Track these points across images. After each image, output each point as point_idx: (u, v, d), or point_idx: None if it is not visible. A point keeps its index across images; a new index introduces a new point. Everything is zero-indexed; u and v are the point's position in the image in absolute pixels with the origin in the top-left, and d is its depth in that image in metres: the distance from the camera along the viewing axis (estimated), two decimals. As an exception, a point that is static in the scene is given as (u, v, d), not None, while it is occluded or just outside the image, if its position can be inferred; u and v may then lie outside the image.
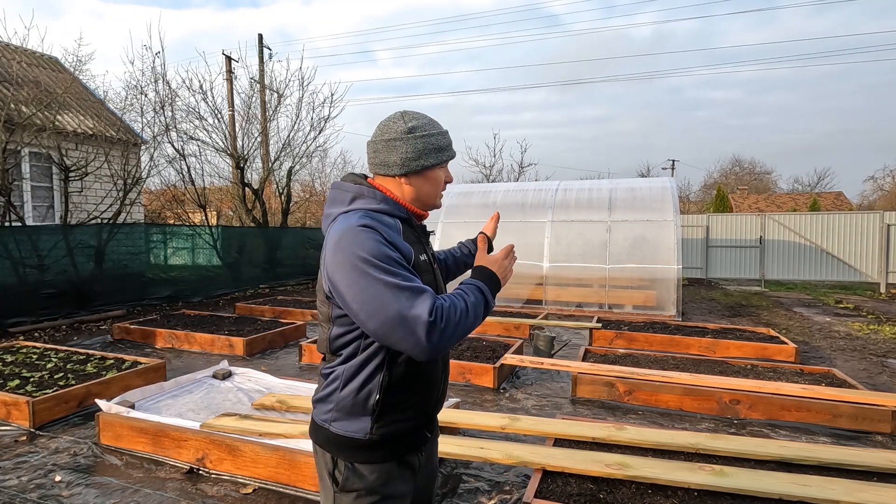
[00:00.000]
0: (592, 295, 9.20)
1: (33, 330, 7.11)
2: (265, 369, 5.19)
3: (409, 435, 1.39)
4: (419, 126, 1.40)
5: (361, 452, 1.36)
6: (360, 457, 1.36)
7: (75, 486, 2.96)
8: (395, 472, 1.38)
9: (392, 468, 1.38)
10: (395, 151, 1.37)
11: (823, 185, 42.53)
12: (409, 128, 1.38)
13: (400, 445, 1.39)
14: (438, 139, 1.41)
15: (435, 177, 1.43)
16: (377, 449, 1.36)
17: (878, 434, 3.78)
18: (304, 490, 2.85)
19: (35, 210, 9.50)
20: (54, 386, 4.20)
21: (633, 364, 5.09)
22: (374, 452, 1.36)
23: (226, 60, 16.42)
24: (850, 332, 7.60)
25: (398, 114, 1.42)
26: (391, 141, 1.38)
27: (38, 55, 11.37)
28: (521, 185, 11.44)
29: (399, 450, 1.39)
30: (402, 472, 1.40)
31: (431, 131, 1.40)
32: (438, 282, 1.47)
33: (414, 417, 1.39)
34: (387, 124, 1.41)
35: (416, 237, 1.43)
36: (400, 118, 1.40)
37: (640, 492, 2.66)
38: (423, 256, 1.42)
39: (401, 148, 1.37)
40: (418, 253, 1.38)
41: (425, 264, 1.41)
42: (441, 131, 1.43)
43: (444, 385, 1.50)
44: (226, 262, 11.60)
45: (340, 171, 25.28)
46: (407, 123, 1.39)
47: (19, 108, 8.44)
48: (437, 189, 1.44)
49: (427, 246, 1.49)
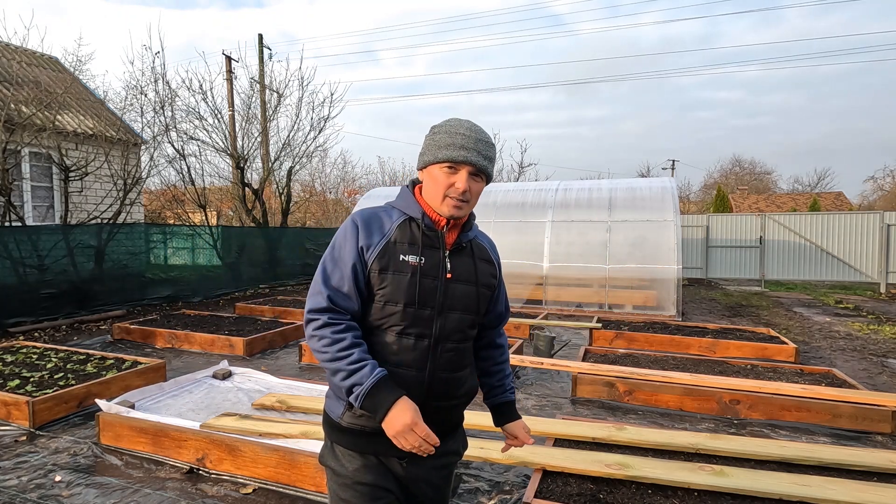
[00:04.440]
0: (592, 295, 9.20)
1: (33, 330, 7.11)
2: (265, 369, 5.19)
3: (381, 436, 1.31)
4: (438, 125, 1.43)
5: (335, 433, 1.42)
6: (335, 436, 1.42)
7: (75, 486, 2.96)
8: (371, 464, 1.38)
9: (369, 460, 1.38)
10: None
11: (823, 186, 42.57)
12: (431, 126, 1.43)
13: (371, 443, 1.37)
14: (443, 138, 1.38)
15: (433, 175, 1.38)
16: (349, 435, 1.39)
17: (878, 434, 3.78)
18: (304, 490, 2.85)
19: (35, 210, 9.50)
20: (54, 386, 4.19)
21: (633, 364, 5.09)
22: (347, 437, 1.40)
23: (226, 60, 16.43)
24: (850, 332, 7.60)
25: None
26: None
27: (37, 55, 11.37)
28: (521, 185, 11.44)
29: (370, 447, 1.38)
30: (379, 469, 1.39)
31: (441, 131, 1.40)
32: (421, 287, 1.36)
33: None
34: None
35: (418, 239, 1.39)
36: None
37: (640, 492, 2.66)
38: (412, 258, 1.36)
39: (422, 145, 1.44)
40: (403, 252, 1.36)
41: (406, 265, 1.36)
42: (452, 132, 1.37)
43: (430, 398, 1.39)
44: (226, 262, 11.60)
45: (340, 171, 25.32)
46: (437, 124, 1.44)
47: (19, 108, 8.44)
48: (437, 188, 1.37)
49: (437, 251, 1.40)
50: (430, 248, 1.40)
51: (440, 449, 1.42)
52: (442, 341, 1.39)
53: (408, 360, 1.36)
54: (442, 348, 1.39)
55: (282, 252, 13.09)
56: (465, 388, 1.48)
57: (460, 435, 1.57)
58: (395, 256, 1.36)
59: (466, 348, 1.48)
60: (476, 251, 1.50)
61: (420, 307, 1.36)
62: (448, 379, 1.41)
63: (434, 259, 1.39)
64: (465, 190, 1.35)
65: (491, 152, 1.40)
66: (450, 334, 1.40)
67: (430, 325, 1.37)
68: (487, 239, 1.60)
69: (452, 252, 1.43)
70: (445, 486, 1.53)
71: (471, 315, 1.45)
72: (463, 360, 1.46)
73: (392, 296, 1.35)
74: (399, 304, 1.35)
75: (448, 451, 1.50)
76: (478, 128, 1.41)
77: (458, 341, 1.43)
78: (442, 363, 1.40)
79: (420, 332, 1.37)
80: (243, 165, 13.30)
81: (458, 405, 1.48)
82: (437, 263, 1.39)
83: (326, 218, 22.24)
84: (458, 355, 1.44)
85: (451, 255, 1.42)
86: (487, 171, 1.39)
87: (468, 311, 1.44)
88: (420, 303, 1.36)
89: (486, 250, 1.55)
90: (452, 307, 1.40)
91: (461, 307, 1.42)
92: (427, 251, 1.39)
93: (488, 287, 1.50)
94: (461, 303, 1.42)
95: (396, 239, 1.38)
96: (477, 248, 1.51)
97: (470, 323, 1.46)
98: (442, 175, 1.37)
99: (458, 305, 1.41)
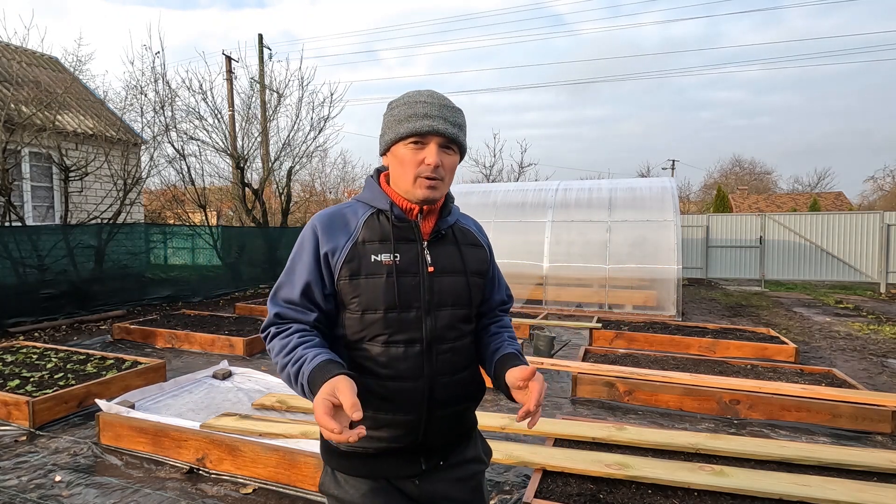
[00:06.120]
0: (592, 295, 9.20)
1: (33, 330, 7.11)
2: (265, 369, 5.19)
3: (385, 457, 1.22)
4: (395, 100, 1.26)
5: (334, 459, 1.26)
6: (335, 462, 1.26)
7: (75, 486, 2.96)
8: (381, 488, 1.23)
9: (377, 484, 1.23)
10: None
11: (823, 185, 42.55)
12: (388, 103, 1.27)
13: (377, 466, 1.23)
14: (402, 110, 1.21)
15: (398, 156, 1.21)
16: (350, 459, 1.24)
17: (878, 434, 3.78)
18: (304, 490, 2.85)
19: (35, 210, 9.50)
20: (54, 386, 4.19)
21: (633, 364, 5.09)
22: (348, 462, 1.24)
23: (226, 60, 16.43)
24: (850, 332, 7.60)
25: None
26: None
27: (38, 55, 11.37)
28: (521, 185, 11.43)
29: (377, 470, 1.23)
30: (390, 493, 1.23)
31: (399, 104, 1.23)
32: (400, 287, 1.21)
33: (390, 439, 1.22)
34: None
35: (389, 233, 1.23)
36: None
37: (640, 492, 2.65)
38: (384, 257, 1.21)
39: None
40: (374, 252, 1.21)
41: (379, 266, 1.20)
42: (411, 102, 1.21)
43: (435, 408, 1.24)
44: (226, 262, 11.60)
45: (340, 171, 25.34)
46: (394, 99, 1.27)
47: (19, 108, 8.44)
48: (404, 170, 1.20)
49: (413, 243, 1.25)
50: (405, 241, 1.24)
51: (456, 458, 1.31)
52: (435, 343, 1.23)
53: (401, 371, 1.20)
54: (437, 351, 1.23)
55: (282, 252, 13.08)
56: (470, 390, 1.32)
57: (477, 439, 1.40)
58: (366, 258, 1.20)
59: (465, 346, 1.30)
60: (459, 237, 1.32)
61: (403, 310, 1.20)
62: (450, 383, 1.25)
63: (411, 253, 1.23)
64: (436, 164, 1.18)
65: (459, 118, 1.23)
66: (443, 334, 1.24)
67: (418, 327, 1.21)
68: (472, 221, 1.42)
69: (431, 242, 1.26)
70: (476, 500, 1.34)
71: (463, 309, 1.28)
72: (463, 359, 1.29)
73: (369, 303, 1.19)
74: (379, 310, 1.19)
75: (467, 460, 1.33)
76: (440, 94, 1.24)
77: (453, 340, 1.26)
78: (440, 367, 1.23)
79: (409, 338, 1.21)
80: (243, 165, 13.30)
81: (466, 409, 1.32)
82: (414, 258, 1.23)
83: (326, 218, 22.16)
84: (457, 355, 1.27)
85: (430, 245, 1.26)
86: (458, 139, 1.21)
87: (459, 304, 1.27)
88: (402, 305, 1.20)
89: (473, 233, 1.37)
90: (441, 303, 1.24)
91: (451, 302, 1.25)
92: (401, 246, 1.23)
93: (479, 275, 1.33)
94: (450, 297, 1.25)
95: (364, 238, 1.22)
96: (460, 234, 1.33)
97: (463, 317, 1.29)
98: (408, 153, 1.19)
99: (448, 300, 1.25)
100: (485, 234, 1.43)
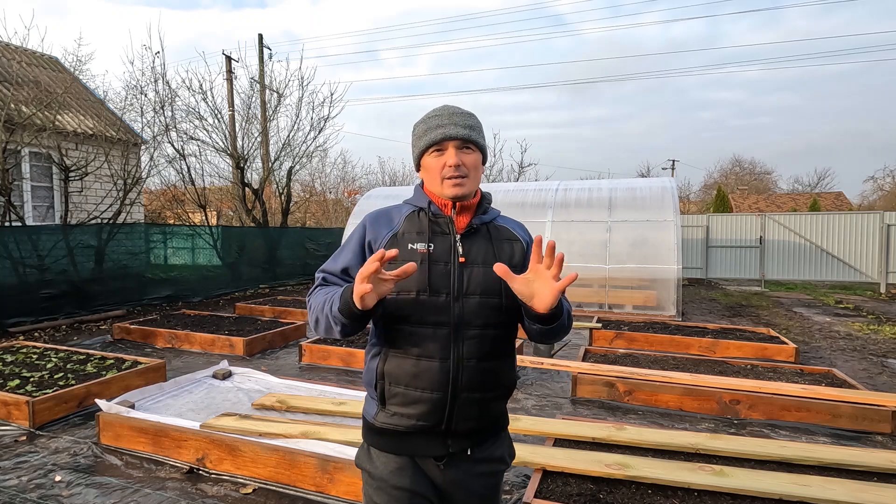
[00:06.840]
0: (592, 295, 9.20)
1: (33, 330, 7.11)
2: (265, 369, 5.19)
3: (416, 435, 1.34)
4: (416, 123, 1.46)
5: (370, 435, 1.41)
6: (370, 438, 1.41)
7: (75, 485, 2.96)
8: (407, 466, 1.35)
9: (405, 462, 1.35)
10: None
11: (824, 186, 42.55)
12: (413, 125, 1.46)
13: (406, 444, 1.35)
14: (421, 128, 1.41)
15: (427, 166, 1.40)
16: (384, 436, 1.38)
17: (878, 434, 3.78)
18: (304, 490, 2.85)
19: (35, 210, 9.50)
20: (54, 386, 4.19)
21: (633, 364, 5.09)
22: (382, 439, 1.38)
23: (226, 60, 16.42)
24: (850, 332, 7.60)
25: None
26: None
27: (38, 55, 11.37)
28: (521, 185, 11.43)
29: (406, 447, 1.36)
30: (416, 473, 1.35)
31: (418, 124, 1.44)
32: (431, 273, 1.33)
33: (419, 416, 1.32)
34: None
35: (426, 226, 1.38)
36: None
37: (640, 492, 2.65)
38: (420, 245, 1.35)
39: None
40: (411, 241, 1.36)
41: (415, 253, 1.34)
42: (427, 119, 1.41)
43: (460, 389, 1.33)
44: (226, 262, 11.60)
45: (340, 171, 25.31)
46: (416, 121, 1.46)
47: (19, 108, 8.44)
48: (433, 175, 1.39)
49: (447, 236, 1.37)
50: (440, 234, 1.38)
51: (483, 454, 1.39)
52: (462, 328, 1.33)
53: (430, 350, 1.32)
54: (464, 336, 1.32)
55: (282, 252, 13.09)
56: (500, 380, 1.39)
57: (504, 440, 1.47)
58: (404, 246, 1.35)
59: (495, 336, 1.36)
60: (493, 233, 1.43)
61: (433, 294, 1.32)
62: (477, 368, 1.33)
63: (444, 245, 1.36)
64: (457, 164, 1.34)
65: (470, 121, 1.39)
66: (471, 320, 1.33)
67: (446, 311, 1.32)
68: (515, 222, 1.53)
69: (465, 235, 1.38)
70: (491, 498, 1.43)
71: (494, 298, 1.34)
72: (491, 348, 1.36)
73: (403, 285, 1.31)
74: (411, 292, 1.32)
75: (491, 458, 1.41)
76: (451, 106, 1.42)
77: (481, 327, 1.34)
78: (467, 350, 1.32)
79: (437, 320, 1.32)
80: (243, 165, 13.31)
81: (493, 399, 1.38)
82: (447, 249, 1.36)
83: (326, 218, 22.24)
84: (484, 342, 1.34)
85: (463, 238, 1.38)
86: (473, 138, 1.37)
87: (490, 294, 1.34)
88: (433, 289, 1.32)
89: (510, 230, 1.48)
90: (470, 291, 1.33)
91: (480, 290, 1.34)
92: (436, 238, 1.37)
93: (512, 267, 1.37)
94: (480, 286, 1.34)
95: (404, 231, 1.39)
96: (494, 230, 1.44)
97: (494, 307, 1.35)
98: (433, 161, 1.38)
99: (477, 289, 1.34)
100: (526, 230, 1.54)
